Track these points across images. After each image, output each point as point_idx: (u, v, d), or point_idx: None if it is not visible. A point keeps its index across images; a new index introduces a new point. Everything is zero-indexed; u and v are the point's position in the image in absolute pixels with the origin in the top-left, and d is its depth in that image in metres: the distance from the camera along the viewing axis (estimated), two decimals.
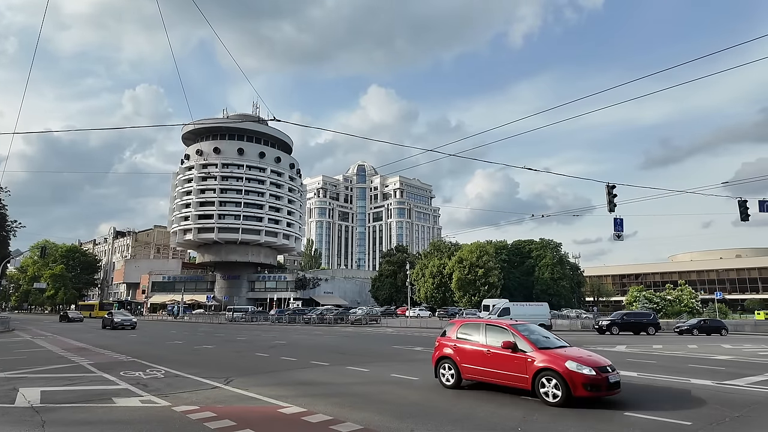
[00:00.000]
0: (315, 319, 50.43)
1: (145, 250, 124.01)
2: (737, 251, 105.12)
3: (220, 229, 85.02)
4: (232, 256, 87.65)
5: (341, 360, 16.00)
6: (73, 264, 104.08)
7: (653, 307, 60.19)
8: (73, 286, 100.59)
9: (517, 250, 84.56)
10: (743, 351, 21.51)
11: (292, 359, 16.19)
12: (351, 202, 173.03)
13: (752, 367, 14.99)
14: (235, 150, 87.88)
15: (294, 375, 12.73)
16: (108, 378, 11.88)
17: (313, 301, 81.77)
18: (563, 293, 78.42)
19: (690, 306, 61.52)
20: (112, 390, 10.24)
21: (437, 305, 73.60)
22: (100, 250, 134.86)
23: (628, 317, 36.62)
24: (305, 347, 21.49)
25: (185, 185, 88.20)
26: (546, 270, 78.83)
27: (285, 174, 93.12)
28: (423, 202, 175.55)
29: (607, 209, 19.95)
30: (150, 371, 12.98)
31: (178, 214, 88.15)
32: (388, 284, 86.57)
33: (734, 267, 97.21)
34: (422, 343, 24.14)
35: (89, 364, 14.61)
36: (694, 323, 37.46)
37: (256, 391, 9.99)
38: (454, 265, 71.70)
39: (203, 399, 9.17)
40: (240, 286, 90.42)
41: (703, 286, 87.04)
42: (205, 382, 11.18)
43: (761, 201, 21.14)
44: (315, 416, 7.66)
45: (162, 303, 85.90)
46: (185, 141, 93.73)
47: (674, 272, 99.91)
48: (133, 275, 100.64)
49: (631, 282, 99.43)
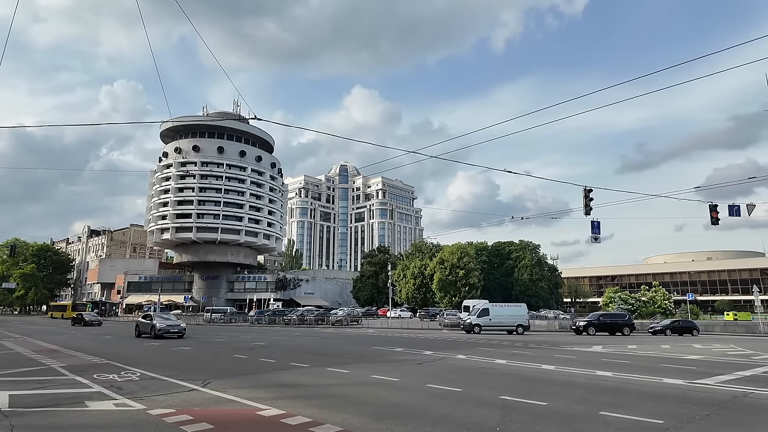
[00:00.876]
0: (295, 320, 50.04)
1: (121, 250, 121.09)
2: (708, 254, 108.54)
3: (198, 229, 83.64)
4: (210, 256, 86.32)
5: (321, 361, 15.92)
6: (44, 263, 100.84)
7: (628, 308, 61.64)
8: (45, 286, 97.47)
9: (497, 251, 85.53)
10: (713, 351, 22.20)
11: (272, 361, 16.02)
12: (333, 203, 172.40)
13: (721, 367, 15.48)
14: (215, 148, 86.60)
15: (273, 377, 12.60)
16: (80, 381, 11.55)
17: (294, 302, 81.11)
18: (541, 294, 79.65)
19: (663, 307, 63.22)
20: (85, 393, 9.95)
21: (418, 306, 73.87)
22: (73, 249, 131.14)
23: (604, 318, 37.41)
24: (285, 349, 21.30)
25: (163, 183, 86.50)
26: (525, 271, 79.94)
27: (266, 173, 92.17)
28: (405, 203, 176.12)
29: (584, 212, 20.35)
30: (125, 373, 12.67)
31: (156, 213, 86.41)
32: (369, 285, 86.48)
33: (705, 269, 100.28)
34: (403, 343, 24.19)
35: (61, 367, 14.18)
36: (667, 324, 38.53)
37: (234, 393, 9.84)
38: (435, 266, 72.09)
39: (180, 402, 9.00)
40: (219, 287, 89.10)
41: (676, 288, 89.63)
42: (181, 384, 10.97)
43: (731, 205, 21.86)
44: (294, 418, 7.59)
45: (138, 304, 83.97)
46: (164, 138, 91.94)
47: (649, 274, 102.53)
48: (108, 275, 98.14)
49: (607, 283, 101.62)
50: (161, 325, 27.32)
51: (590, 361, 16.51)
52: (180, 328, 27.73)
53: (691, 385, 11.46)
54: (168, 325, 27.58)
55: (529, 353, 19.62)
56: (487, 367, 14.92)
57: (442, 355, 18.33)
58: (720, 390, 10.84)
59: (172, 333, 27.17)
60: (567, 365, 15.21)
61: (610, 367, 14.60)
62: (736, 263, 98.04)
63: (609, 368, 14.40)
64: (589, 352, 20.42)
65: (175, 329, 27.44)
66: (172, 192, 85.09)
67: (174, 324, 28.06)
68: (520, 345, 24.10)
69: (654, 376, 12.79)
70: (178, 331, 27.43)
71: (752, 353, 20.84)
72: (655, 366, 15.54)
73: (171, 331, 27.12)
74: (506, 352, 20.08)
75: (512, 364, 15.47)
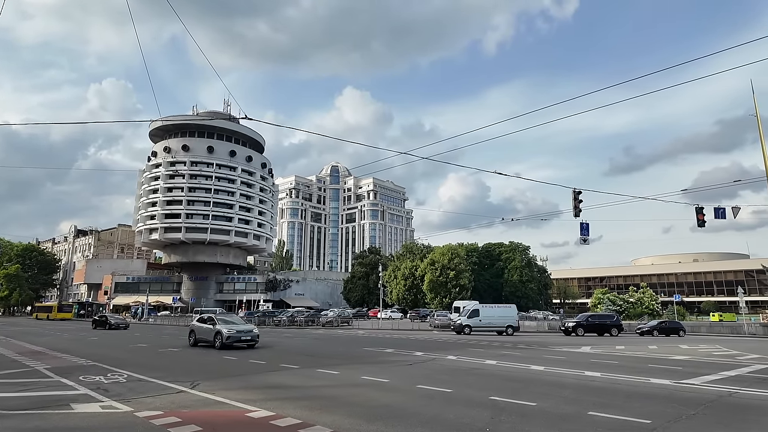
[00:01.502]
0: (285, 321, 49.79)
1: (108, 250, 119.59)
2: (695, 256, 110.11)
3: (187, 229, 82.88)
4: (199, 257, 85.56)
5: (311, 363, 15.85)
6: (29, 263, 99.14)
7: (616, 309, 62.28)
8: (30, 286, 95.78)
9: (488, 252, 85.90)
10: (699, 351, 22.50)
11: (261, 362, 15.92)
12: (324, 203, 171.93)
13: (707, 367, 15.70)
14: (205, 148, 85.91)
15: (263, 378, 12.52)
16: (66, 383, 11.37)
17: (284, 303, 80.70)
18: (531, 295, 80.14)
19: (651, 308, 63.96)
20: (71, 395, 9.80)
21: (409, 307, 73.89)
22: (59, 250, 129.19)
23: (592, 319, 37.74)
24: (275, 350, 21.17)
25: (152, 183, 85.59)
26: (515, 272, 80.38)
27: (256, 173, 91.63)
28: (396, 204, 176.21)
29: (573, 214, 20.53)
30: (111, 375, 12.50)
31: (144, 213, 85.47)
32: (360, 286, 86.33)
33: (692, 271, 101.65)
34: (394, 344, 24.19)
35: (46, 369, 13.94)
36: (655, 325, 38.99)
37: (223, 395, 9.76)
38: (426, 267, 72.20)
39: (168, 404, 8.89)
40: (208, 288, 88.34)
41: (663, 289, 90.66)
42: (169, 386, 10.85)
43: (717, 208, 22.19)
44: (284, 420, 7.54)
45: (126, 305, 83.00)
46: (153, 138, 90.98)
47: (636, 275, 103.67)
48: (95, 276, 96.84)
49: (596, 285, 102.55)
50: (230, 331, 20.80)
51: (579, 362, 16.64)
52: (253, 334, 21.40)
53: (677, 385, 11.60)
54: (238, 331, 21.10)
55: (518, 354, 19.72)
56: (477, 367, 14.97)
57: (433, 356, 18.35)
58: (706, 390, 10.98)
59: (244, 341, 20.98)
60: (556, 366, 15.32)
61: (598, 368, 14.73)
62: (721, 265, 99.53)
63: (597, 369, 14.53)
64: (578, 353, 20.59)
65: (248, 336, 21.07)
66: (161, 192, 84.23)
67: (246, 330, 21.54)
68: (510, 346, 24.22)
69: (641, 377, 12.93)
70: (251, 339, 21.14)
71: (737, 353, 21.16)
72: (642, 366, 15.71)
73: (243, 339, 20.91)
74: (496, 352, 20.17)
75: (502, 365, 15.53)
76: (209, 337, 21.38)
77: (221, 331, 20.79)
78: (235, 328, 21.24)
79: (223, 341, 20.51)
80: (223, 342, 20.52)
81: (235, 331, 21.02)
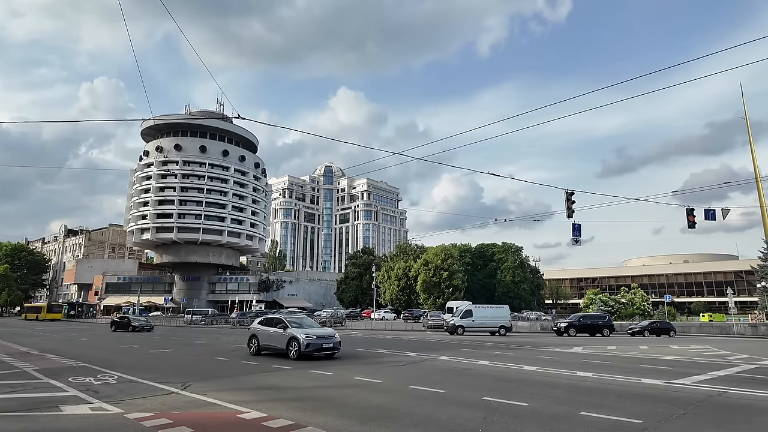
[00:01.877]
0: None
1: (99, 250, 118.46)
2: (685, 257, 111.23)
3: (179, 229, 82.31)
4: (192, 257, 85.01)
5: (304, 363, 15.78)
6: (19, 263, 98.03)
7: (608, 309, 62.68)
8: (19, 287, 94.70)
9: (481, 253, 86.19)
10: (689, 351, 22.71)
11: (254, 363, 15.83)
12: (317, 204, 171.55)
13: (697, 367, 15.85)
14: (197, 147, 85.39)
15: (255, 379, 12.46)
16: (55, 384, 11.23)
17: (277, 304, 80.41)
18: (523, 296, 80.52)
19: (642, 308, 64.47)
20: (60, 397, 9.68)
21: (402, 307, 73.93)
22: (49, 249, 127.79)
23: (584, 319, 37.98)
24: None
25: (144, 183, 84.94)
26: (507, 273, 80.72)
27: (249, 173, 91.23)
28: (390, 205, 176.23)
29: (566, 215, 20.65)
30: (101, 377, 12.38)
31: (136, 213, 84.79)
32: (353, 286, 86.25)
33: (682, 271, 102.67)
34: (387, 345, 24.18)
35: (34, 370, 13.77)
36: (645, 325, 39.30)
37: (215, 396, 9.69)
38: (419, 267, 72.30)
39: (159, 405, 8.81)
40: (200, 288, 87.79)
41: (654, 290, 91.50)
42: (160, 387, 10.76)
43: (707, 209, 22.43)
44: (276, 421, 7.50)
45: (117, 305, 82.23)
46: (145, 137, 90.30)
47: (628, 276, 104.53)
48: (86, 276, 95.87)
49: (587, 285, 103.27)
50: (309, 338, 16.65)
51: (571, 362, 16.73)
52: (335, 341, 17.27)
53: (668, 385, 11.70)
54: (318, 337, 16.99)
55: (511, 354, 19.79)
56: (469, 368, 15.00)
57: (426, 357, 18.36)
58: (696, 390, 11.08)
59: (325, 350, 16.91)
60: (548, 366, 15.39)
61: (590, 368, 14.82)
62: (711, 266, 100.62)
63: (589, 369, 14.61)
64: (570, 353, 20.69)
65: (330, 344, 17.02)
66: (153, 191, 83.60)
67: (327, 335, 17.45)
68: (503, 346, 24.30)
69: (632, 377, 13.02)
70: (333, 347, 17.12)
71: (726, 353, 21.39)
72: (633, 366, 15.82)
73: (325, 348, 16.86)
74: (489, 353, 20.22)
75: (494, 365, 15.58)
76: (279, 344, 17.40)
77: (297, 337, 16.65)
78: (314, 333, 17.17)
79: (301, 350, 16.37)
80: (301, 351, 16.37)
81: (314, 336, 16.85)
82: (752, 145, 22.39)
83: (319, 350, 16.73)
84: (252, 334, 19.01)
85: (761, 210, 21.58)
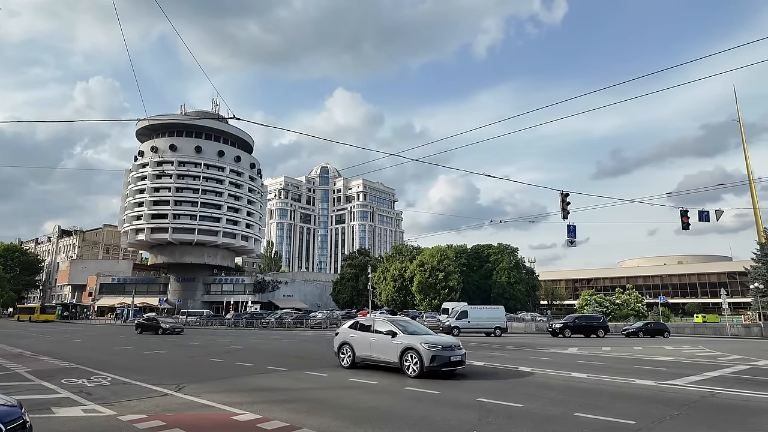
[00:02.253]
0: (274, 323, 49.51)
1: (93, 251, 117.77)
2: (679, 258, 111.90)
3: (174, 230, 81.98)
4: (187, 258, 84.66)
5: (300, 365, 15.75)
6: (11, 264, 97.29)
7: (603, 310, 62.99)
8: (12, 287, 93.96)
9: (476, 254, 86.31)
10: (683, 352, 22.84)
11: (249, 364, 15.78)
12: (313, 204, 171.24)
13: (691, 367, 15.93)
14: (193, 148, 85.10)
15: (250, 381, 12.41)
16: (47, 386, 11.14)
17: (273, 305, 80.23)
18: (519, 297, 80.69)
19: (636, 310, 64.84)
20: (52, 399, 9.61)
21: (398, 308, 73.84)
22: (42, 250, 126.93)
23: (579, 320, 38.13)
24: (262, 352, 21.02)
25: (139, 183, 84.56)
26: (503, 274, 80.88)
27: (245, 174, 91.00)
28: (386, 206, 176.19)
29: (561, 216, 20.73)
30: (95, 378, 12.30)
31: (131, 213, 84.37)
32: (349, 287, 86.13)
33: (676, 273, 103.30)
34: None
35: (27, 372, 13.66)
36: (640, 326, 39.53)
37: (209, 398, 9.65)
38: (415, 268, 72.30)
39: (152, 407, 8.76)
40: (195, 289, 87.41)
41: (648, 291, 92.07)
42: (154, 389, 10.70)
43: (701, 211, 22.60)
44: (270, 423, 7.48)
45: (111, 306, 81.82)
46: (140, 137, 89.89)
47: (622, 277, 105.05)
48: (80, 277, 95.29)
49: (583, 286, 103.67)
50: (433, 348, 12.56)
51: (566, 363, 16.77)
52: (461, 353, 13.15)
53: (662, 385, 11.75)
54: (444, 347, 12.88)
55: (506, 355, 19.83)
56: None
57: None
58: (689, 390, 11.14)
59: (453, 365, 12.89)
60: (543, 367, 15.42)
61: (585, 369, 14.86)
62: (705, 267, 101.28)
63: (584, 370, 14.66)
64: (565, 354, 20.76)
65: (458, 357, 12.93)
66: (148, 192, 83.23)
67: (451, 344, 13.24)
68: (498, 347, 24.34)
69: (627, 378, 13.07)
70: (461, 360, 13.05)
71: (720, 354, 21.52)
72: (627, 367, 15.88)
73: (453, 362, 12.80)
74: (484, 354, 20.24)
75: (490, 366, 15.59)
76: (387, 356, 13.30)
77: (416, 347, 12.53)
78: (437, 342, 12.96)
79: (423, 365, 12.22)
80: (424, 366, 12.22)
81: (440, 347, 12.65)
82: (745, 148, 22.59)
83: (447, 366, 12.54)
84: (343, 342, 14.88)
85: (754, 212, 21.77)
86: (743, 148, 20.24)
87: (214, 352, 20.76)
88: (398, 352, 12.95)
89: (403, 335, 13.33)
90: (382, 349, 13.54)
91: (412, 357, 12.61)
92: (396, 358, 13.04)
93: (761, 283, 46.18)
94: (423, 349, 12.44)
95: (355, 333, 14.65)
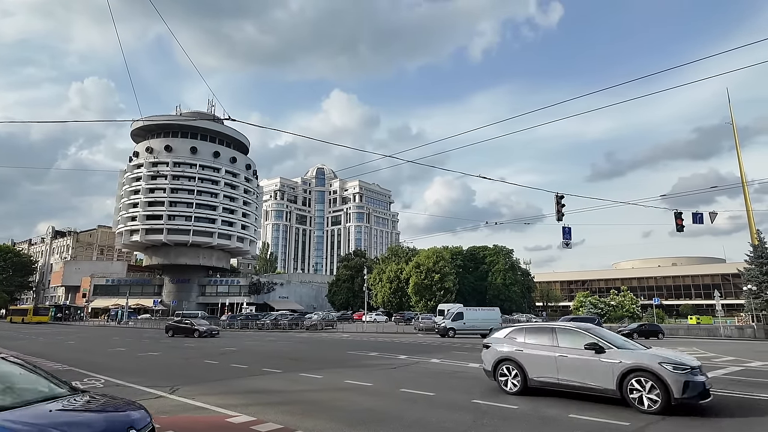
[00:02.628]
0: (269, 325, 49.32)
1: (88, 252, 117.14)
2: (673, 260, 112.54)
3: (169, 231, 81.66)
4: (182, 259, 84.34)
5: (294, 366, 15.70)
6: (4, 265, 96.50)
7: (598, 312, 63.18)
8: (4, 289, 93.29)
9: (472, 256, 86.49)
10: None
11: (243, 366, 15.72)
12: (309, 206, 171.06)
13: None
14: (188, 148, 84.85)
15: (244, 383, 12.36)
16: None
17: (268, 306, 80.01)
18: (514, 298, 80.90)
19: (631, 311, 65.08)
20: None
21: (394, 310, 73.90)
22: (36, 251, 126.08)
23: (574, 322, 38.20)
24: (257, 354, 20.94)
25: (133, 184, 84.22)
26: (498, 276, 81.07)
27: (240, 175, 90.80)
28: (382, 207, 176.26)
29: (556, 218, 20.78)
30: (88, 380, 12.21)
31: (125, 214, 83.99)
32: (345, 289, 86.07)
33: (671, 274, 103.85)
34: (378, 348, 24.12)
35: None
36: (635, 327, 39.62)
37: (203, 400, 9.60)
38: (411, 270, 72.35)
39: None
40: (190, 291, 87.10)
41: (643, 292, 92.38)
42: (148, 391, 10.63)
43: (695, 213, 22.74)
44: (265, 425, 7.45)
45: (105, 307, 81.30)
46: (135, 138, 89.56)
47: (617, 279, 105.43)
48: (74, 278, 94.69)
49: (578, 288, 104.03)
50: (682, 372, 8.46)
51: None
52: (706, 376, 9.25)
53: None
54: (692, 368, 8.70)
55: None
56: (460, 370, 15.00)
57: (417, 359, 18.35)
58: None
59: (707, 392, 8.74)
60: None
61: None
62: (699, 269, 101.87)
63: None
64: None
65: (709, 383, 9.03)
66: (143, 192, 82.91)
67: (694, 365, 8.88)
68: None
69: None
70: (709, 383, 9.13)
71: (713, 355, 21.64)
72: None
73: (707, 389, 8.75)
74: (480, 355, 20.23)
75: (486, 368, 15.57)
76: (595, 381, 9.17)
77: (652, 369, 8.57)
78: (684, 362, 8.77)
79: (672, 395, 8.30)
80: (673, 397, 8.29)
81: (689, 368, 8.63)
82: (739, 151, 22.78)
83: (703, 396, 8.60)
84: (503, 358, 10.81)
85: (747, 214, 21.93)
86: (737, 151, 20.63)
87: (208, 353, 20.66)
88: (615, 376, 8.90)
89: (616, 351, 9.21)
90: (581, 370, 9.43)
91: (643, 383, 8.59)
92: (612, 385, 8.93)
93: (754, 285, 46.46)
94: (667, 372, 8.43)
95: (524, 345, 10.51)
